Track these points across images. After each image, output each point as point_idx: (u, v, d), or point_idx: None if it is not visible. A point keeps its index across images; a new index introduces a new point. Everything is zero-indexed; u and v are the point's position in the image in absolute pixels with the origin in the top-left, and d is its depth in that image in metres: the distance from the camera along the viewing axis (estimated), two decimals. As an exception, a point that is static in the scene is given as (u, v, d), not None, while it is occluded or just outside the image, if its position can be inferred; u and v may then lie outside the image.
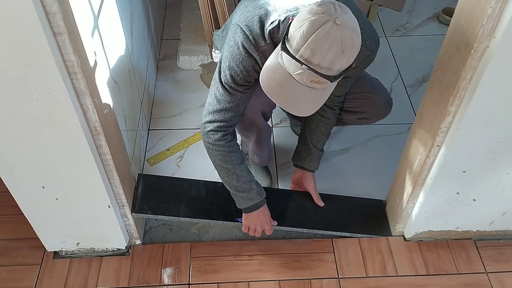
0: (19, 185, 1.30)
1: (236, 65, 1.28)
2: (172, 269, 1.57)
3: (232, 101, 1.35)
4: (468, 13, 1.06)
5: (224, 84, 1.32)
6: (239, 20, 1.29)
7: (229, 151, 1.42)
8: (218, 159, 1.42)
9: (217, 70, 1.34)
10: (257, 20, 1.25)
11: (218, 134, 1.39)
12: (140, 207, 1.57)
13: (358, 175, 1.84)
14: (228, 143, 1.41)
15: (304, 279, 1.55)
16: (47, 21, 0.95)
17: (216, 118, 1.37)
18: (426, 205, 1.48)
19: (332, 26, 1.03)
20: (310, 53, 1.05)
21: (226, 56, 1.30)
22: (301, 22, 1.06)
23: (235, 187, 1.46)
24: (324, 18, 1.04)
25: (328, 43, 1.04)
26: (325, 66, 1.06)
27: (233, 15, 1.45)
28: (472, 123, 1.21)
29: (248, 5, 1.32)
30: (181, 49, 2.26)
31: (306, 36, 1.04)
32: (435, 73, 1.26)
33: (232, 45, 1.28)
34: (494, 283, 1.54)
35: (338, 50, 1.05)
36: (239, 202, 1.50)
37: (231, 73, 1.29)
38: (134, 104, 1.73)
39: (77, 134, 1.16)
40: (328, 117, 1.59)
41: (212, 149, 1.41)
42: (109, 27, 1.43)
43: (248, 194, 1.47)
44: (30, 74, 1.02)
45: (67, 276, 1.55)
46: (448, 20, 2.46)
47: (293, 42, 1.07)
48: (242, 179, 1.45)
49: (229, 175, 1.44)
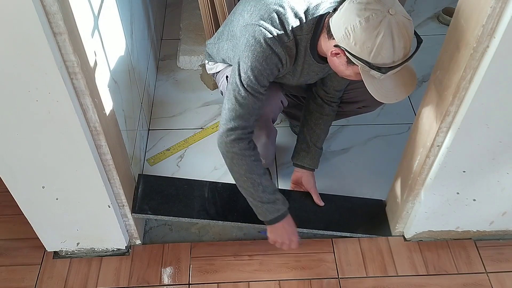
0: (19, 185, 1.30)
1: (260, 63, 1.25)
2: (172, 269, 1.57)
3: (255, 103, 1.30)
4: (468, 13, 1.06)
5: (247, 86, 1.27)
6: (253, 20, 1.27)
7: (255, 160, 1.36)
8: (243, 169, 1.35)
9: (234, 74, 1.29)
10: (275, 16, 1.24)
11: (244, 142, 1.33)
12: (140, 207, 1.56)
13: (358, 175, 1.84)
14: (254, 151, 1.36)
15: (304, 279, 1.54)
16: (47, 21, 0.95)
17: (240, 124, 1.31)
18: (426, 205, 1.48)
19: (391, 18, 1.09)
20: (402, 52, 1.12)
21: (246, 56, 1.26)
22: (371, 34, 1.09)
23: (260, 199, 1.39)
24: (381, 16, 1.09)
25: (405, 32, 1.10)
26: (410, 49, 1.14)
27: (232, 22, 1.43)
28: (472, 123, 1.21)
29: (255, 5, 1.31)
30: (181, 49, 2.26)
31: (391, 45, 1.10)
32: (435, 73, 1.26)
33: (253, 43, 1.24)
34: (494, 283, 1.54)
35: (409, 31, 1.12)
36: (264, 214, 1.43)
37: (254, 74, 1.26)
38: (134, 104, 1.73)
39: (77, 134, 1.16)
40: (327, 114, 1.60)
41: (237, 159, 1.34)
42: (109, 27, 1.43)
43: (273, 205, 1.41)
44: (30, 74, 1.01)
45: (67, 276, 1.55)
46: (448, 20, 2.46)
47: (379, 58, 1.11)
48: (268, 189, 1.39)
49: (254, 186, 1.37)
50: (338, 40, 1.16)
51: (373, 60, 1.12)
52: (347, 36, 1.12)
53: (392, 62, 1.12)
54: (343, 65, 1.22)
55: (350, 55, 1.15)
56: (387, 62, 1.12)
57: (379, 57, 1.12)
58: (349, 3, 1.13)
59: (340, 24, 1.14)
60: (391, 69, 1.13)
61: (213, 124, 2.02)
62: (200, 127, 2.02)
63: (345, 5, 1.14)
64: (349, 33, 1.12)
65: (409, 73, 1.20)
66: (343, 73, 1.27)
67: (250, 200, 1.42)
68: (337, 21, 1.16)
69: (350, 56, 1.15)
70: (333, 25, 1.17)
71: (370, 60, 1.12)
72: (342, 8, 1.14)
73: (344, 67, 1.23)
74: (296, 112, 1.75)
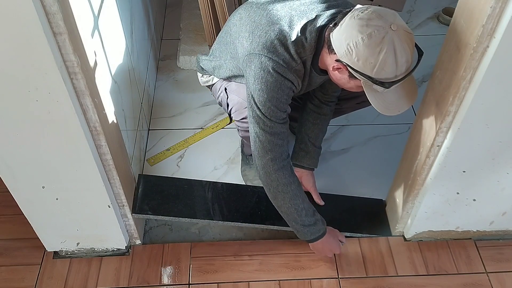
0: (19, 185, 1.30)
1: (276, 92, 1.26)
2: (172, 269, 1.57)
3: (283, 127, 1.31)
4: (468, 13, 1.06)
5: (270, 117, 1.28)
6: (256, 50, 1.26)
7: (298, 185, 1.39)
8: (288, 197, 1.36)
9: (253, 108, 1.29)
10: (277, 43, 1.24)
11: (287, 169, 1.35)
12: (141, 207, 1.56)
13: (358, 175, 1.84)
14: (296, 176, 1.39)
15: (304, 279, 1.54)
16: (47, 21, 0.95)
17: (277, 152, 1.32)
18: (426, 205, 1.48)
19: (393, 34, 1.10)
20: (405, 66, 1.13)
21: (260, 89, 1.26)
22: (374, 50, 1.10)
23: (302, 222, 1.41)
24: (383, 32, 1.09)
25: (407, 47, 1.12)
26: (413, 62, 1.16)
27: (230, 44, 1.42)
28: (472, 123, 1.21)
29: (252, 31, 1.30)
30: (181, 49, 2.26)
31: (393, 61, 1.11)
32: (435, 73, 1.26)
33: (263, 75, 1.25)
34: (494, 283, 1.54)
35: (410, 45, 1.14)
36: (305, 235, 1.45)
37: (273, 104, 1.27)
38: (134, 104, 1.73)
39: (77, 134, 1.16)
40: (324, 113, 1.61)
41: (283, 187, 1.35)
42: (109, 27, 1.43)
43: (314, 227, 1.44)
44: (30, 74, 1.01)
45: (67, 276, 1.55)
46: (448, 20, 2.45)
47: (382, 73, 1.12)
48: (309, 212, 1.41)
49: (298, 211, 1.39)
50: (340, 56, 1.17)
51: (376, 75, 1.13)
52: (349, 52, 1.13)
53: (394, 76, 1.14)
54: (345, 79, 1.24)
55: (353, 70, 1.15)
56: (390, 76, 1.13)
57: (382, 73, 1.13)
58: (350, 18, 1.13)
59: (341, 40, 1.14)
60: (394, 83, 1.15)
61: (213, 124, 2.02)
62: (200, 127, 2.02)
63: (346, 21, 1.14)
64: (351, 49, 1.12)
65: (410, 84, 1.21)
66: (345, 86, 1.28)
67: (292, 224, 1.44)
68: (338, 36, 1.16)
69: (352, 71, 1.16)
70: (334, 41, 1.17)
71: (373, 76, 1.13)
72: (343, 24, 1.14)
73: (345, 81, 1.24)
74: (293, 114, 1.74)
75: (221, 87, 1.56)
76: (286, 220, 1.44)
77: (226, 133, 1.98)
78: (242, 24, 1.36)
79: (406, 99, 1.22)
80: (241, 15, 1.39)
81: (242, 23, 1.36)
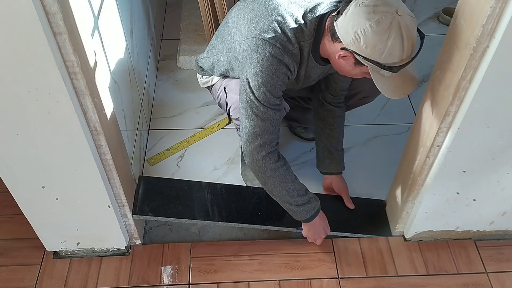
0: (19, 185, 1.30)
1: (271, 77, 1.25)
2: (172, 269, 1.57)
3: (275, 114, 1.31)
4: (468, 13, 1.06)
5: (263, 102, 1.28)
6: (253, 34, 1.26)
7: (287, 169, 1.39)
8: (278, 181, 1.37)
9: (247, 92, 1.29)
10: (276, 26, 1.24)
11: (274, 155, 1.35)
12: (141, 209, 1.57)
13: (358, 175, 1.84)
14: (283, 160, 1.39)
15: (304, 279, 1.54)
16: (47, 21, 0.95)
17: (267, 138, 1.32)
18: (426, 205, 1.48)
19: (399, 19, 1.11)
20: (410, 50, 1.15)
21: (255, 73, 1.26)
22: (383, 36, 1.11)
23: (296, 203, 1.42)
24: (390, 18, 1.11)
25: (412, 31, 1.14)
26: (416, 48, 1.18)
27: (226, 35, 1.42)
28: (472, 123, 1.21)
29: (251, 18, 1.30)
30: (181, 49, 2.26)
31: (401, 46, 1.12)
32: (435, 73, 1.26)
33: (258, 59, 1.24)
34: (494, 283, 1.54)
35: (414, 29, 1.16)
36: (301, 215, 1.46)
37: (268, 88, 1.26)
38: (134, 104, 1.73)
39: (77, 134, 1.16)
40: (339, 116, 1.63)
41: (271, 172, 1.36)
42: (109, 27, 1.43)
43: (309, 205, 1.44)
44: (30, 74, 1.01)
45: (67, 276, 1.55)
46: (448, 20, 2.45)
47: (390, 58, 1.14)
48: (301, 191, 1.42)
49: (289, 193, 1.40)
50: (347, 44, 1.17)
51: (384, 60, 1.14)
52: (357, 39, 1.14)
53: (401, 60, 1.15)
54: (350, 66, 1.24)
55: (360, 57, 1.16)
56: (397, 61, 1.15)
57: (390, 58, 1.14)
58: (355, 6, 1.14)
59: (348, 28, 1.15)
60: (401, 67, 1.16)
61: (213, 124, 2.02)
62: (200, 127, 2.02)
63: (351, 9, 1.15)
64: (359, 36, 1.13)
65: (412, 66, 1.23)
66: (349, 73, 1.29)
67: (286, 206, 1.45)
68: (344, 24, 1.16)
69: (359, 58, 1.17)
70: (340, 29, 1.18)
71: (381, 61, 1.15)
72: (348, 12, 1.15)
73: (350, 68, 1.25)
74: (293, 114, 1.75)
75: (220, 87, 1.56)
76: (280, 203, 1.44)
77: (226, 133, 1.98)
78: (240, 13, 1.36)
79: (409, 81, 1.24)
80: (239, 7, 1.39)
81: (240, 13, 1.36)
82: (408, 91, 1.24)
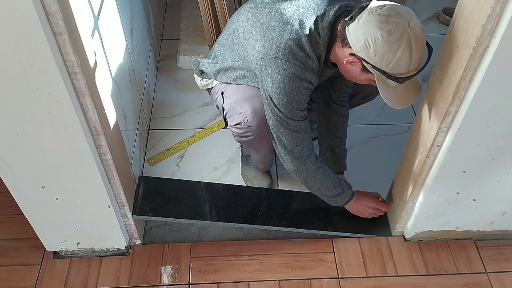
0: (19, 185, 1.30)
1: (295, 95, 1.29)
2: (172, 269, 1.57)
3: (305, 123, 1.37)
4: (468, 13, 1.06)
5: (292, 117, 1.33)
6: (269, 53, 1.27)
7: (323, 166, 1.48)
8: (318, 179, 1.47)
9: (273, 110, 1.32)
10: (292, 44, 1.25)
11: (313, 158, 1.43)
12: (141, 209, 1.57)
13: (358, 175, 1.83)
14: (320, 160, 1.47)
15: (304, 279, 1.54)
16: (47, 21, 0.95)
17: (304, 145, 1.39)
18: (426, 205, 1.48)
19: (410, 32, 1.12)
20: (418, 63, 1.16)
21: (279, 94, 1.28)
22: (392, 47, 1.12)
23: (333, 194, 1.52)
24: (402, 29, 1.11)
25: (421, 44, 1.15)
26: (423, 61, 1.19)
27: (237, 45, 1.40)
28: (472, 123, 1.21)
29: (264, 33, 1.29)
30: (181, 49, 2.26)
31: (409, 57, 1.13)
32: (435, 73, 1.26)
33: (281, 80, 1.26)
34: (494, 283, 1.54)
35: (424, 42, 1.17)
36: (338, 202, 1.56)
37: (293, 106, 1.31)
38: (134, 104, 1.73)
39: (77, 134, 1.16)
40: (343, 115, 1.65)
41: (313, 174, 1.45)
42: (109, 27, 1.43)
43: (343, 194, 1.54)
44: (30, 74, 1.01)
45: (67, 276, 1.55)
46: (448, 20, 2.45)
47: (397, 68, 1.15)
48: (335, 183, 1.50)
49: (327, 187, 1.49)
50: (356, 50, 1.18)
51: (390, 70, 1.15)
52: (367, 47, 1.14)
53: (407, 72, 1.16)
54: (357, 72, 1.26)
55: (368, 64, 1.17)
56: (403, 72, 1.16)
57: (396, 68, 1.15)
58: (368, 14, 1.14)
59: (359, 34, 1.15)
60: (407, 78, 1.17)
61: (213, 124, 2.02)
62: (200, 127, 2.02)
63: (364, 16, 1.15)
64: (369, 44, 1.14)
65: (417, 79, 1.24)
66: (355, 79, 1.31)
67: (324, 198, 1.55)
68: (355, 31, 1.17)
69: (367, 65, 1.18)
70: (351, 35, 1.18)
71: (388, 71, 1.16)
72: (361, 19, 1.15)
73: (357, 74, 1.26)
74: None
75: (218, 91, 1.55)
76: (318, 195, 1.54)
77: (226, 133, 1.98)
78: (249, 25, 1.34)
79: (413, 93, 1.25)
80: (246, 16, 1.37)
81: (249, 25, 1.35)
82: (411, 102, 1.26)
